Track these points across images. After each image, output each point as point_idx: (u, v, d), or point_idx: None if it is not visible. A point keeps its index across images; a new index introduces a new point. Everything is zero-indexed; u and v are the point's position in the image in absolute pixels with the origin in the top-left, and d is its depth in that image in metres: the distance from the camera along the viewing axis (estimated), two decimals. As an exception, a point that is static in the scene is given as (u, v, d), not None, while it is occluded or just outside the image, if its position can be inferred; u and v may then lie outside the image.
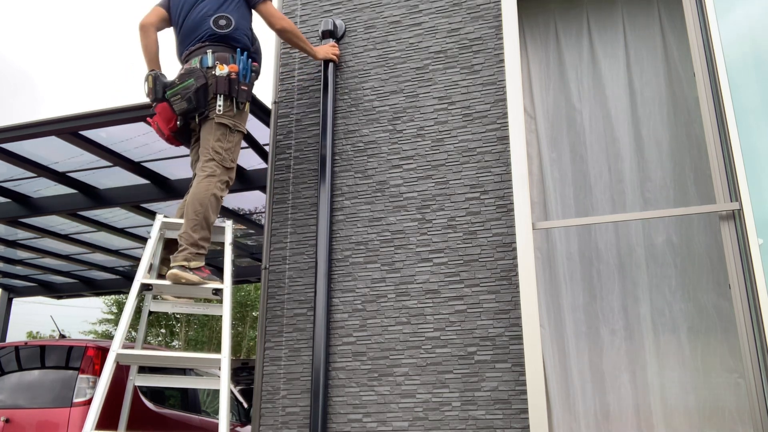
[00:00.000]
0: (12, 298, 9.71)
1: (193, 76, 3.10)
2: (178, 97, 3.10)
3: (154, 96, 3.18)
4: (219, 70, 3.11)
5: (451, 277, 3.06)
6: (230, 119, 3.16)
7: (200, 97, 3.08)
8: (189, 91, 3.07)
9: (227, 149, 3.17)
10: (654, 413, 2.66)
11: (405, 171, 3.31)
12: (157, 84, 3.17)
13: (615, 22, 3.20)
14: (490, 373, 2.87)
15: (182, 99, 3.09)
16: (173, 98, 3.12)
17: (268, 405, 3.19)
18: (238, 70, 3.15)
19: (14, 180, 5.63)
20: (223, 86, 3.10)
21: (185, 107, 3.10)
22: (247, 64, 3.21)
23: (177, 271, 2.95)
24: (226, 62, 3.15)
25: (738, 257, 2.60)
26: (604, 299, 2.85)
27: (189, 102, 3.08)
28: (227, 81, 3.11)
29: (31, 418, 4.31)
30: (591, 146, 3.08)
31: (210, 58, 3.15)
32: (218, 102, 3.10)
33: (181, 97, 3.09)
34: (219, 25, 3.25)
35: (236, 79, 3.13)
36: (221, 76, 3.10)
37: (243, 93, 3.15)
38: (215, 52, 3.18)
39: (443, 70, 3.40)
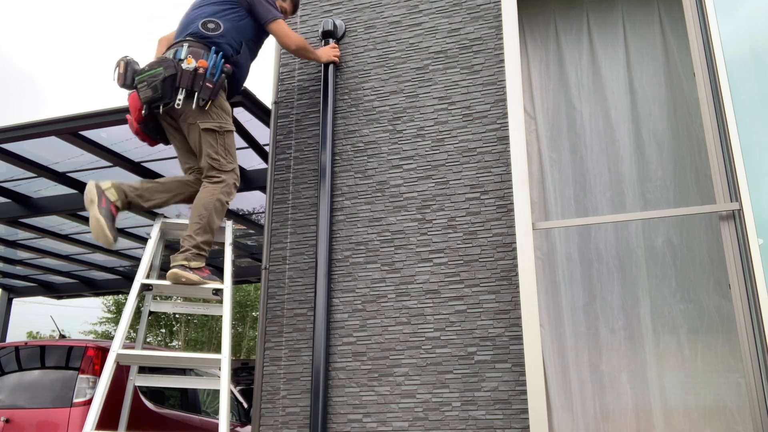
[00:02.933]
0: (12, 298, 9.70)
1: (162, 65, 3.02)
2: (144, 84, 3.01)
3: (123, 81, 3.09)
4: (186, 63, 3.02)
5: (451, 277, 3.06)
6: (213, 121, 3.10)
7: (166, 86, 2.99)
8: (156, 79, 2.99)
9: (222, 153, 3.13)
10: (654, 413, 2.66)
11: (405, 171, 3.31)
12: (128, 70, 3.09)
13: (615, 21, 3.20)
14: (490, 374, 2.87)
15: (148, 86, 3.00)
16: (140, 85, 3.03)
17: (268, 405, 3.19)
18: (207, 66, 3.05)
19: (14, 180, 5.63)
20: (186, 80, 3.00)
21: (150, 95, 3.00)
22: (219, 63, 3.09)
23: (177, 271, 2.95)
24: (197, 57, 3.07)
25: (738, 257, 2.60)
26: (605, 299, 2.85)
27: (154, 90, 2.98)
28: (192, 75, 3.01)
29: (31, 418, 4.31)
30: (591, 146, 3.08)
31: (184, 51, 3.09)
32: (178, 96, 3.00)
33: (147, 84, 3.00)
34: (207, 27, 3.20)
35: (202, 75, 3.03)
36: (186, 70, 3.01)
37: (206, 90, 3.03)
38: (190, 47, 3.11)
39: (443, 70, 3.40)
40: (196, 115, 3.06)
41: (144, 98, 3.02)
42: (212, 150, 3.10)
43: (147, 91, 3.00)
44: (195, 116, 3.07)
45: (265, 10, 3.31)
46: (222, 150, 3.13)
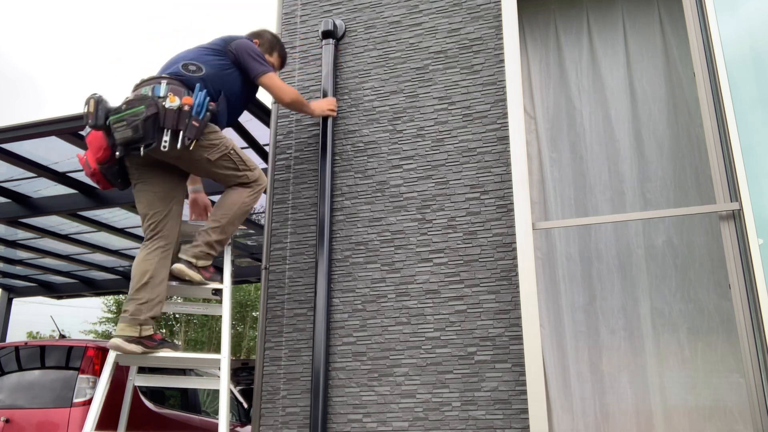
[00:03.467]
0: (12, 298, 9.70)
1: (144, 104, 2.75)
2: (123, 124, 2.74)
3: (94, 121, 2.82)
4: (169, 101, 2.77)
5: (451, 277, 3.06)
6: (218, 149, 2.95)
7: (148, 126, 2.73)
8: (137, 118, 2.72)
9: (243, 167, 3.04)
10: (654, 413, 2.66)
11: (405, 171, 3.31)
12: (99, 108, 2.82)
13: (615, 21, 3.20)
14: (490, 374, 2.87)
15: (128, 126, 2.73)
16: (117, 124, 2.76)
17: (268, 405, 3.19)
18: (192, 104, 2.82)
19: (14, 180, 5.63)
20: (171, 120, 2.75)
21: (129, 136, 2.73)
22: (204, 101, 2.86)
23: (183, 267, 2.89)
24: (180, 95, 2.83)
25: (738, 257, 2.60)
26: (605, 299, 2.85)
27: (135, 130, 2.72)
28: (177, 114, 2.77)
29: (31, 418, 4.32)
30: (591, 146, 3.08)
31: (163, 88, 2.85)
32: (164, 137, 2.75)
33: (126, 124, 2.73)
34: (187, 68, 3.02)
35: (188, 113, 2.79)
36: (170, 109, 2.76)
37: (193, 129, 2.78)
38: (170, 84, 2.88)
39: (443, 70, 3.40)
40: (197, 151, 2.87)
41: (121, 139, 2.76)
42: (234, 171, 3.02)
43: (126, 131, 2.74)
44: (197, 152, 2.88)
45: (256, 64, 3.15)
46: (242, 165, 3.05)
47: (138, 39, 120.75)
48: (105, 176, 2.99)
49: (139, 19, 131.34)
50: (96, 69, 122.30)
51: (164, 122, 2.76)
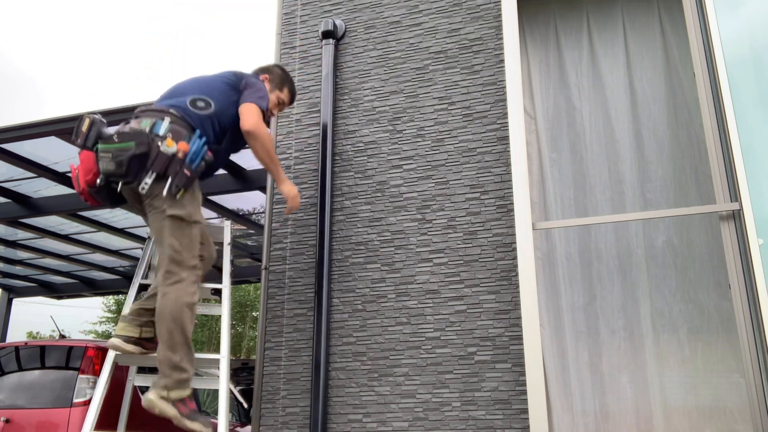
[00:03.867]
0: (12, 298, 9.71)
1: (135, 140, 2.59)
2: (108, 156, 2.60)
3: (82, 141, 2.68)
4: (167, 145, 2.61)
5: (451, 277, 3.06)
6: (182, 209, 2.67)
7: (133, 165, 2.58)
8: (124, 154, 2.57)
9: (186, 246, 2.69)
10: (654, 413, 2.66)
11: (405, 171, 3.31)
12: (91, 131, 2.67)
13: (615, 22, 3.20)
14: (490, 374, 2.87)
15: (112, 159, 2.59)
16: (103, 154, 2.63)
17: (268, 405, 3.19)
18: (188, 151, 2.65)
19: (14, 180, 5.63)
20: (161, 164, 2.59)
21: (111, 170, 2.60)
22: (201, 150, 2.69)
23: (153, 398, 2.51)
24: (179, 139, 2.66)
25: (738, 257, 2.60)
26: (605, 299, 2.85)
27: (119, 166, 2.58)
28: (169, 160, 2.60)
29: (31, 419, 4.32)
30: (591, 146, 3.08)
31: (164, 126, 2.67)
32: (145, 179, 2.59)
33: (112, 157, 2.59)
34: (195, 105, 2.84)
35: (181, 160, 2.62)
36: (164, 153, 2.60)
37: (183, 177, 2.61)
38: (173, 122, 2.71)
39: (443, 70, 3.40)
40: (165, 201, 2.64)
41: (104, 170, 2.64)
42: (176, 241, 2.67)
43: (109, 164, 2.60)
44: (162, 202, 2.65)
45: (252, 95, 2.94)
46: (186, 243, 2.69)
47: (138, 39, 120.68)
48: (92, 197, 2.87)
49: (138, 19, 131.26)
50: (96, 69, 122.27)
51: (152, 164, 2.60)
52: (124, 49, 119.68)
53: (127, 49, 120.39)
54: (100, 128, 2.68)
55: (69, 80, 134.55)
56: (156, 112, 2.77)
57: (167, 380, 2.55)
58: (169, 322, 2.59)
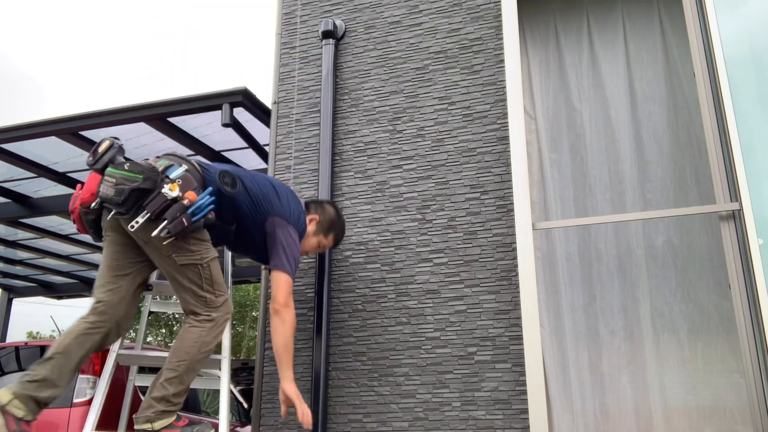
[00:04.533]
0: (12, 298, 9.70)
1: (144, 174, 2.46)
2: (112, 181, 2.46)
3: (94, 161, 2.55)
4: (169, 189, 2.47)
5: (451, 277, 3.07)
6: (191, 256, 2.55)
7: (132, 198, 2.44)
8: (127, 184, 2.43)
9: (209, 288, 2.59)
10: (654, 413, 2.66)
11: (405, 171, 3.31)
12: (107, 153, 2.54)
13: (615, 22, 3.20)
14: (490, 374, 2.87)
15: (114, 185, 2.45)
16: (107, 178, 2.48)
17: (268, 405, 3.19)
18: (194, 201, 2.49)
19: (14, 180, 5.63)
20: (156, 205, 2.44)
21: (109, 195, 2.45)
22: (207, 206, 2.53)
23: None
24: (188, 188, 2.52)
25: (738, 257, 2.60)
26: (605, 299, 2.85)
27: (118, 194, 2.43)
28: (166, 203, 2.45)
29: (31, 418, 4.31)
30: (591, 146, 3.08)
31: (178, 171, 2.54)
32: (138, 218, 2.45)
33: (115, 183, 2.45)
34: (223, 180, 2.68)
35: (185, 208, 2.46)
36: (164, 195, 2.45)
37: (178, 225, 2.44)
38: (188, 171, 2.57)
39: (443, 70, 3.40)
40: (171, 249, 2.51)
41: (102, 194, 2.49)
42: (197, 287, 2.56)
43: (109, 189, 2.46)
44: (169, 250, 2.51)
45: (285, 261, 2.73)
46: (208, 284, 2.58)
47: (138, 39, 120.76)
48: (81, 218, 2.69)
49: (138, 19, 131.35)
50: (96, 69, 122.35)
51: (148, 204, 2.45)
52: (124, 49, 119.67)
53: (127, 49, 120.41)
54: (116, 154, 2.56)
55: (69, 80, 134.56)
56: (177, 157, 2.67)
57: (149, 412, 2.45)
58: (182, 354, 2.50)
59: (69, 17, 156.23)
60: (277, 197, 2.82)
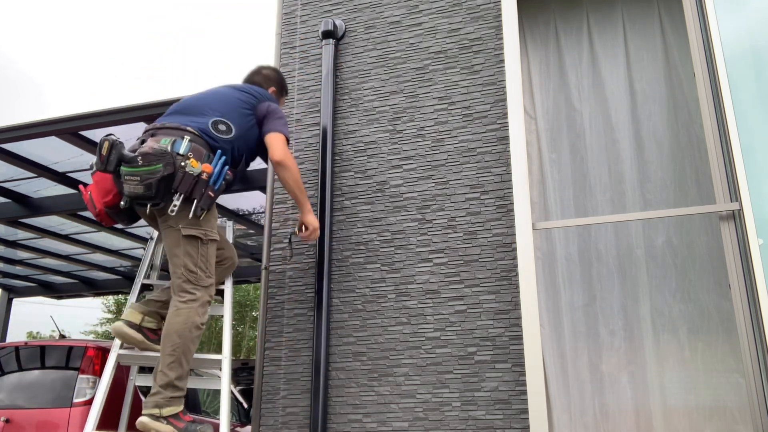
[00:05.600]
0: (12, 298, 9.71)
1: (162, 161, 2.57)
2: (136, 180, 2.57)
3: (104, 166, 2.63)
4: (191, 166, 2.61)
5: (451, 277, 3.07)
6: (199, 229, 2.70)
7: (161, 187, 2.58)
8: (153, 177, 2.55)
9: (202, 265, 2.72)
10: (654, 413, 2.66)
11: (405, 171, 3.31)
12: (112, 153, 2.62)
13: (615, 22, 3.20)
14: (490, 374, 2.87)
15: (141, 183, 2.56)
16: (130, 178, 2.58)
17: (268, 405, 3.19)
18: (212, 173, 2.67)
19: (14, 180, 5.63)
20: (187, 185, 2.60)
21: (140, 192, 2.58)
22: (223, 170, 2.73)
23: (146, 421, 2.51)
24: (201, 159, 2.66)
25: (738, 257, 2.60)
26: (605, 299, 2.85)
27: (148, 188, 2.56)
28: (194, 181, 2.62)
29: (31, 418, 4.32)
30: (591, 146, 3.08)
31: (184, 145, 2.66)
32: (174, 201, 2.60)
33: (140, 180, 2.56)
34: (217, 128, 2.83)
35: (205, 181, 2.65)
36: (190, 174, 2.61)
37: (207, 199, 2.64)
38: (192, 141, 2.69)
39: (443, 70, 3.40)
40: (181, 220, 2.67)
41: (131, 193, 2.61)
42: (191, 261, 2.69)
43: (138, 187, 2.57)
44: (179, 221, 2.67)
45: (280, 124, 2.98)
46: (202, 261, 2.73)
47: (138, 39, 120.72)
48: (110, 216, 2.86)
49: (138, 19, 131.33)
50: (96, 69, 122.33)
51: (179, 186, 2.60)
52: (124, 49, 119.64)
53: (127, 49, 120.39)
54: (121, 150, 2.64)
55: (69, 80, 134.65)
56: (175, 129, 2.75)
57: (158, 398, 2.55)
58: (174, 339, 2.61)
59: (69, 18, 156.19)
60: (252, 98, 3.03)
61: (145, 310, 2.81)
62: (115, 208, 2.81)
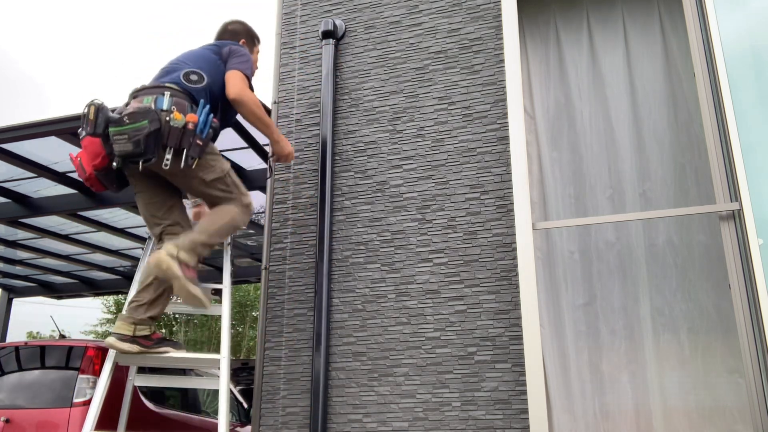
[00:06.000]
0: (12, 298, 9.70)
1: (147, 118, 2.67)
2: (124, 138, 2.66)
3: (92, 129, 2.73)
4: (175, 119, 2.71)
5: (451, 277, 3.06)
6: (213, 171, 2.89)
7: (150, 142, 2.66)
8: (139, 133, 2.64)
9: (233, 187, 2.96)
10: (654, 413, 2.66)
11: (405, 171, 3.31)
12: (99, 116, 2.72)
13: (615, 21, 3.20)
14: (490, 374, 2.87)
15: (129, 140, 2.65)
16: (117, 137, 2.67)
17: (268, 405, 3.19)
18: (197, 122, 2.77)
19: (14, 180, 5.63)
20: (175, 138, 2.70)
21: (130, 150, 2.66)
22: (208, 118, 2.82)
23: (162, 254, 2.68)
24: (184, 111, 2.76)
25: (738, 257, 2.60)
26: (604, 299, 2.85)
27: (136, 145, 2.64)
28: (181, 132, 2.71)
29: (31, 418, 4.31)
30: (591, 146, 3.08)
31: (166, 100, 2.76)
32: (166, 156, 2.70)
33: (128, 138, 2.65)
34: (189, 79, 2.94)
35: (192, 131, 2.74)
36: (175, 127, 2.70)
37: (197, 148, 2.75)
38: (173, 96, 2.80)
39: (443, 70, 3.40)
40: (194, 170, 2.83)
41: (120, 152, 2.68)
42: (225, 194, 2.94)
43: (127, 145, 2.66)
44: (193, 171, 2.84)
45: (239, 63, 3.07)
46: (235, 188, 2.97)
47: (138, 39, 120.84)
48: (100, 181, 2.94)
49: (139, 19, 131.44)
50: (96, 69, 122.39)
51: (167, 140, 2.70)
52: (124, 49, 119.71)
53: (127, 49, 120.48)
54: (106, 112, 2.74)
55: (70, 80, 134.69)
56: (154, 89, 2.86)
57: (181, 240, 2.76)
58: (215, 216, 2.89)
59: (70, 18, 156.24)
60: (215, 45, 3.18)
61: (135, 319, 2.79)
62: (104, 171, 2.89)
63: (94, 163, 2.88)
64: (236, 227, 2.96)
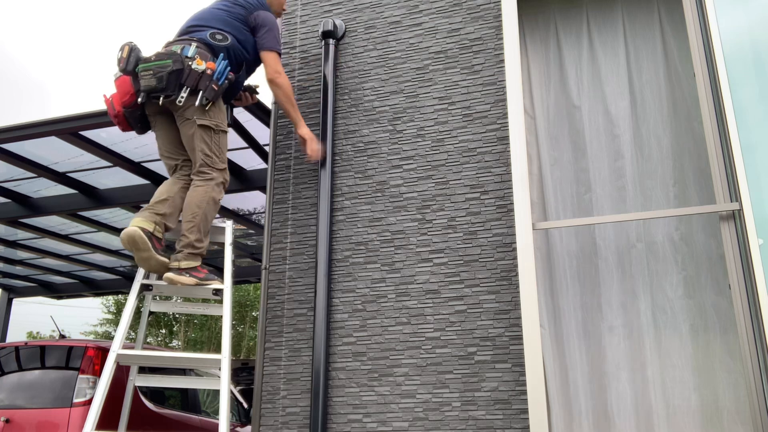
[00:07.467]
0: (12, 298, 9.70)
1: (171, 58, 3.02)
2: (149, 73, 3.01)
3: (125, 66, 3.07)
4: (197, 64, 3.04)
5: (451, 277, 3.06)
6: (210, 120, 3.11)
7: (171, 79, 3.00)
8: (163, 70, 2.99)
9: (216, 151, 3.15)
10: (654, 413, 2.66)
11: (405, 171, 3.31)
12: (131, 55, 3.06)
13: (615, 21, 3.20)
14: (490, 374, 2.87)
15: (153, 76, 3.00)
16: (144, 72, 3.02)
17: (268, 405, 3.19)
18: (215, 69, 3.09)
19: (14, 180, 5.63)
20: (193, 80, 3.03)
21: (153, 85, 3.00)
22: (225, 70, 3.14)
23: (172, 276, 2.94)
24: (206, 59, 3.09)
25: (738, 257, 2.60)
26: (605, 299, 2.85)
27: (159, 81, 2.99)
28: (199, 76, 3.04)
29: (31, 419, 4.32)
30: (591, 146, 3.08)
31: (192, 49, 3.08)
32: (181, 93, 3.01)
33: (153, 73, 3.00)
34: (215, 38, 3.24)
35: (209, 76, 3.06)
36: (196, 70, 3.03)
37: (212, 91, 3.06)
38: (198, 48, 3.12)
39: (443, 70, 3.40)
40: (195, 112, 3.07)
41: (145, 86, 3.02)
42: (206, 146, 3.11)
43: (151, 80, 3.00)
44: (193, 113, 3.08)
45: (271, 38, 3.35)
46: (216, 148, 3.15)
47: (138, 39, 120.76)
48: (127, 119, 3.21)
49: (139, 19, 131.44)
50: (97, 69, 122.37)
51: (186, 80, 3.01)
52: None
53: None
54: (138, 53, 3.09)
55: (72, 81, 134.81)
56: (183, 40, 3.19)
57: (179, 255, 2.99)
58: (194, 208, 3.04)
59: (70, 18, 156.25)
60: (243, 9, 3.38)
61: (157, 219, 3.01)
62: (131, 108, 3.16)
63: (123, 100, 3.14)
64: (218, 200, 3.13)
